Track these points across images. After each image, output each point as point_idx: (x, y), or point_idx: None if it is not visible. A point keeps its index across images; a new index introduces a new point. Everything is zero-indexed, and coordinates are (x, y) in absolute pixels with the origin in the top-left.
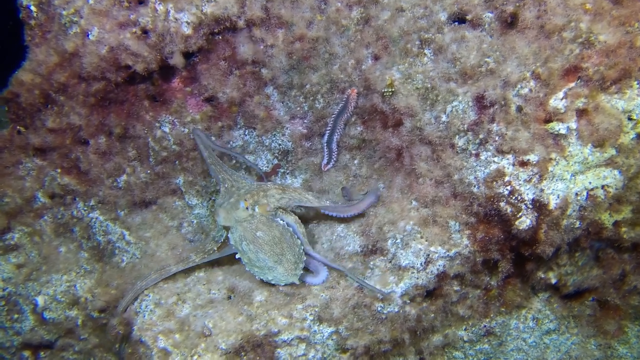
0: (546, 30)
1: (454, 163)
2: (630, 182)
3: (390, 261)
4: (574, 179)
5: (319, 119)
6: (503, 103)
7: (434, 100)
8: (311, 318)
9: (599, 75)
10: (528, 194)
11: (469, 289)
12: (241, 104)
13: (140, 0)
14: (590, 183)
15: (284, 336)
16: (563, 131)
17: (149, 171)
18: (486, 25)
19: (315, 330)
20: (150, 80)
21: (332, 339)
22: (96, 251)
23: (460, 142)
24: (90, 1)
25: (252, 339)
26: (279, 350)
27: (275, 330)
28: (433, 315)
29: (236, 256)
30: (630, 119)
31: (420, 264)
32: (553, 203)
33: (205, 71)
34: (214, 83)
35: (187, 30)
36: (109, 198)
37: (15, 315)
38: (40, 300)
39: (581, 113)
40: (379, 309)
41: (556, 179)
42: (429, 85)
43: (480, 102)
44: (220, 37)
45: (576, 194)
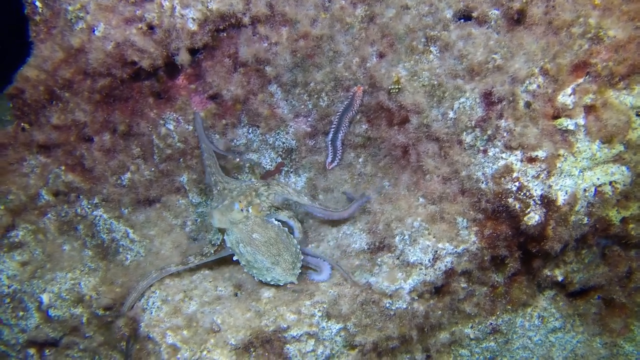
0: (554, 26)
1: (462, 159)
2: (638, 179)
3: (398, 258)
4: (582, 175)
5: (323, 117)
6: (511, 99)
7: (440, 97)
8: (319, 314)
9: (608, 70)
10: (536, 190)
11: (476, 286)
12: (245, 102)
13: None
14: (598, 179)
15: (293, 332)
16: (571, 127)
17: (153, 169)
18: (492, 22)
19: (323, 327)
20: (155, 77)
21: (341, 335)
22: (100, 249)
23: (467, 139)
24: None
25: (261, 335)
26: (288, 346)
27: (285, 326)
28: (440, 312)
29: (233, 258)
30: (638, 115)
31: (428, 261)
32: (561, 199)
33: (210, 68)
34: (218, 80)
35: (193, 27)
36: (113, 196)
37: (21, 313)
38: (45, 297)
39: (589, 109)
40: (387, 305)
41: (564, 175)
42: (436, 82)
43: (487, 99)
44: (225, 34)
45: (584, 190)
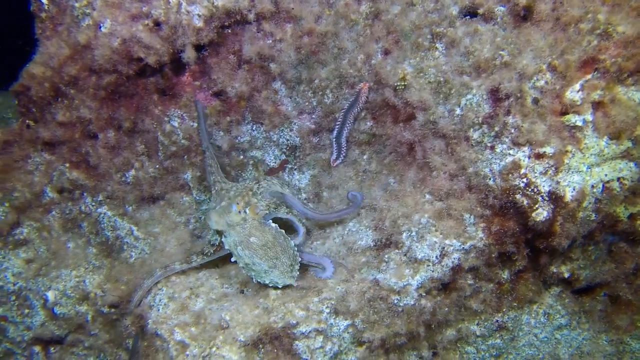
0: (562, 22)
1: (469, 156)
2: None
3: (405, 254)
4: (590, 171)
5: (328, 114)
6: (519, 95)
7: (447, 93)
8: (327, 311)
9: (616, 66)
10: (544, 186)
11: (483, 283)
12: (249, 99)
13: None
14: (606, 175)
15: (302, 328)
16: (579, 123)
17: (157, 166)
18: (499, 19)
19: (332, 323)
20: (160, 74)
21: (349, 332)
22: (104, 247)
23: (475, 135)
24: None
25: (270, 331)
26: (297, 343)
27: (294, 322)
28: (447, 308)
29: (231, 259)
30: None
31: (436, 257)
32: (569, 195)
33: (215, 65)
34: (223, 77)
35: (199, 23)
36: (118, 193)
37: (26, 310)
38: (50, 295)
39: (597, 105)
40: (395, 302)
41: (572, 171)
42: (442, 79)
43: (495, 95)
44: (230, 31)
45: (592, 186)
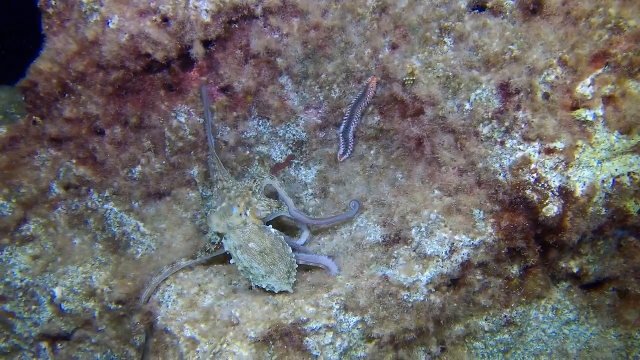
0: (573, 16)
1: (478, 151)
2: None
3: (414, 250)
4: (600, 165)
5: (335, 109)
6: (529, 90)
7: (456, 88)
8: (337, 307)
9: (628, 60)
10: (554, 181)
11: (492, 278)
12: (256, 94)
13: None
14: (616, 170)
15: (312, 325)
16: (590, 118)
17: (164, 162)
18: (508, 12)
19: (341, 319)
20: (167, 69)
21: (358, 328)
22: (111, 242)
23: (484, 130)
24: None
25: (280, 328)
26: (307, 339)
27: (304, 319)
28: (456, 304)
29: (230, 261)
30: None
31: (445, 253)
32: (579, 190)
33: (221, 60)
34: (230, 72)
35: (207, 18)
36: (124, 189)
37: (33, 307)
38: (57, 291)
39: (608, 99)
40: (405, 298)
41: (582, 166)
42: (451, 74)
43: (504, 90)
44: (236, 25)
45: (602, 181)
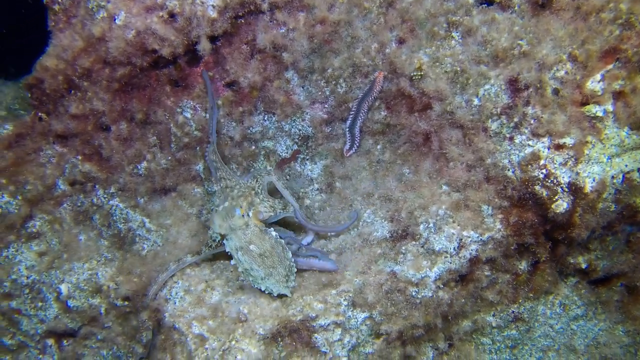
0: (583, 11)
1: (487, 147)
2: None
3: (422, 246)
4: (610, 161)
5: (341, 104)
6: (539, 86)
7: (464, 83)
8: (345, 303)
9: (638, 56)
10: (564, 177)
11: (499, 274)
12: (261, 89)
13: None
14: (626, 166)
15: (321, 321)
16: (600, 114)
17: (169, 157)
18: (516, 7)
19: (349, 316)
20: (173, 65)
21: (366, 324)
22: (116, 239)
23: (493, 126)
24: None
25: (289, 325)
26: (316, 335)
27: (313, 315)
28: (464, 300)
29: (231, 262)
30: None
31: (454, 249)
32: (589, 186)
33: (228, 55)
34: (236, 67)
35: (213, 14)
36: (130, 185)
37: (40, 303)
38: (64, 288)
39: (618, 95)
40: (414, 294)
41: (592, 162)
42: (459, 69)
43: (514, 85)
44: (243, 21)
45: (612, 177)
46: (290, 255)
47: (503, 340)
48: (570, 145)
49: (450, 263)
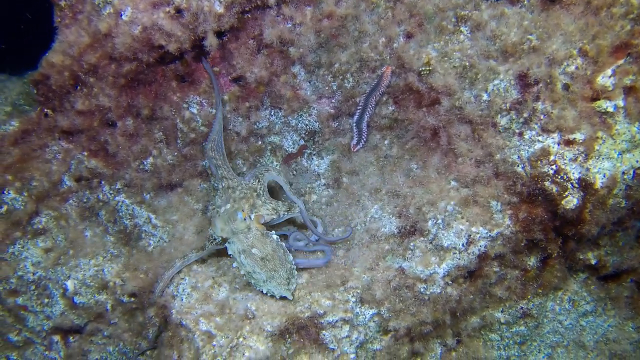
0: (594, 5)
1: (496, 142)
2: None
3: (431, 242)
4: (621, 157)
5: (348, 99)
6: (549, 81)
7: (473, 78)
8: (354, 300)
9: None
10: (574, 173)
11: (508, 270)
12: (268, 84)
13: None
14: (637, 161)
15: (329, 318)
16: (610, 109)
17: (175, 153)
18: (526, 1)
19: (358, 312)
20: (180, 61)
21: (374, 321)
22: (122, 235)
23: (502, 121)
24: None
25: (297, 321)
26: (324, 332)
27: (321, 312)
28: (472, 296)
29: (233, 265)
30: None
31: (462, 245)
32: (599, 182)
33: (234, 50)
34: (242, 62)
35: (220, 9)
36: (136, 181)
37: (46, 300)
38: (70, 284)
39: (629, 90)
40: (422, 290)
41: (603, 158)
42: (468, 64)
43: (523, 80)
44: (249, 15)
45: (623, 173)
46: (291, 258)
47: (511, 336)
48: (581, 140)
49: (459, 259)
